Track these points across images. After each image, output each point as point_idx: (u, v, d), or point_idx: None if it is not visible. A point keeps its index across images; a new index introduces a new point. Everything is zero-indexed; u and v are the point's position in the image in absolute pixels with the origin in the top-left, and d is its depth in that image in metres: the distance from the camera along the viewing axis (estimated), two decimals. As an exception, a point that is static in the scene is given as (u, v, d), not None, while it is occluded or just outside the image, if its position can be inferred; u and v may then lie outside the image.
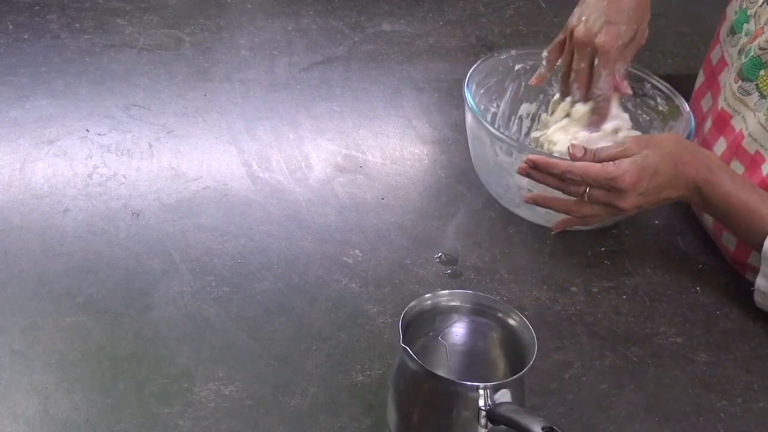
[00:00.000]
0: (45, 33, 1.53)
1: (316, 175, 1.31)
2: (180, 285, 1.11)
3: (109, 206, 1.22)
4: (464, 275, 1.17)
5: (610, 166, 1.07)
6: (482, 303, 0.96)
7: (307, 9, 1.66)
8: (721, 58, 1.26)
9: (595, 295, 1.16)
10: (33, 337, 1.04)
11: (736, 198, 1.09)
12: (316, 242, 1.20)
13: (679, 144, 1.11)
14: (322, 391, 1.01)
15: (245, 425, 0.97)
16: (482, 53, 1.59)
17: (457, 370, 0.98)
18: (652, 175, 1.07)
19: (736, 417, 1.03)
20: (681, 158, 1.09)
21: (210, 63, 1.50)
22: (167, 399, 0.98)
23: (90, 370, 1.01)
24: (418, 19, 1.66)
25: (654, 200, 1.10)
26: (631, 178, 1.06)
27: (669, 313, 1.14)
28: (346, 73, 1.51)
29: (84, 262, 1.13)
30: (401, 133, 1.40)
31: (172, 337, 1.05)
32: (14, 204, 1.21)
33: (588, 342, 1.10)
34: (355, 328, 1.08)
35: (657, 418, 1.02)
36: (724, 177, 1.09)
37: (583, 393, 1.04)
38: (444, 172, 1.34)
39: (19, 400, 0.97)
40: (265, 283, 1.13)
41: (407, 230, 1.23)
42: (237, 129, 1.37)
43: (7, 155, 1.28)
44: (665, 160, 1.08)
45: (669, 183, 1.09)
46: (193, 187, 1.26)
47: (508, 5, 1.73)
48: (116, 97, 1.41)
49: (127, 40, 1.53)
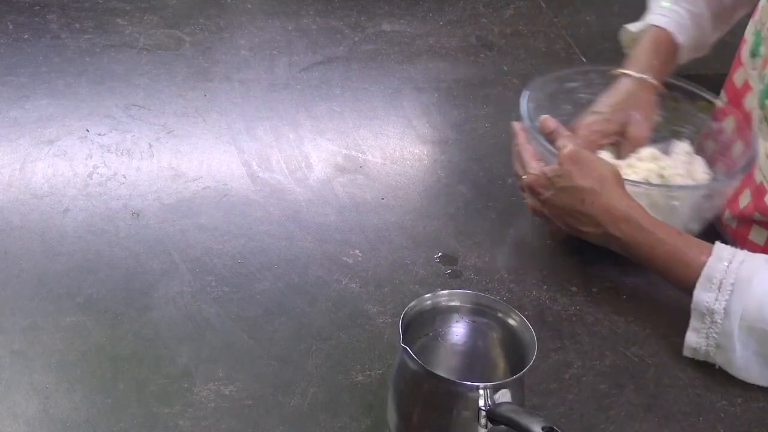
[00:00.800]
0: (45, 33, 1.53)
1: (316, 175, 1.31)
2: (180, 285, 1.11)
3: (109, 206, 1.22)
4: (464, 275, 1.17)
5: (533, 161, 1.14)
6: (482, 303, 0.96)
7: (307, 9, 1.66)
8: (745, 82, 1.23)
9: (595, 295, 1.16)
10: (33, 337, 1.03)
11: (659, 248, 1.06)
12: (316, 242, 1.20)
13: (604, 183, 1.08)
14: (322, 391, 1.01)
15: (245, 425, 0.97)
16: (482, 53, 1.59)
17: (457, 370, 0.98)
18: (555, 193, 1.11)
19: (736, 417, 1.03)
20: (593, 198, 1.08)
21: (210, 63, 1.51)
22: (167, 399, 0.98)
23: (90, 370, 1.01)
24: (418, 19, 1.67)
25: (557, 217, 1.12)
26: (534, 181, 1.13)
27: (669, 313, 1.14)
28: (346, 73, 1.51)
29: (84, 262, 1.13)
30: (401, 133, 1.40)
31: (172, 337, 1.05)
32: (14, 204, 1.21)
33: (588, 342, 1.10)
34: (355, 328, 1.08)
35: (657, 418, 1.02)
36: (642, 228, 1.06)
37: (583, 393, 1.04)
38: (444, 172, 1.34)
39: (19, 400, 0.97)
40: (265, 283, 1.13)
41: (407, 230, 1.23)
42: (237, 129, 1.37)
43: (7, 155, 1.28)
44: (574, 191, 1.09)
45: (571, 212, 1.10)
46: (193, 187, 1.26)
47: (508, 5, 1.73)
48: (116, 97, 1.41)
49: (127, 40, 1.53)
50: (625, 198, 1.08)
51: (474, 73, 1.55)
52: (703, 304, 1.02)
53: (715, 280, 1.01)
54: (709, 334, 1.03)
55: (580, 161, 1.10)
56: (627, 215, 1.07)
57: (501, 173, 1.33)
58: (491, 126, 1.43)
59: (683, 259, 1.05)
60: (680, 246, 1.06)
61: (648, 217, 1.07)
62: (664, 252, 1.06)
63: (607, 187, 1.08)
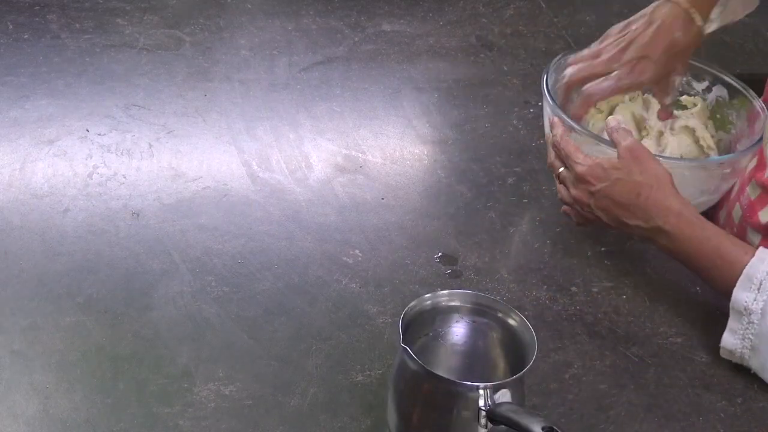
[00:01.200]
0: (45, 33, 1.53)
1: (316, 175, 1.31)
2: (180, 285, 1.11)
3: (109, 206, 1.22)
4: (464, 275, 1.17)
5: (580, 153, 1.13)
6: (482, 303, 0.96)
7: (307, 9, 1.66)
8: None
9: (595, 295, 1.16)
10: (33, 337, 1.03)
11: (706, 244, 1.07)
12: (316, 242, 1.20)
13: (660, 181, 1.10)
14: (322, 391, 1.01)
15: (245, 425, 0.97)
16: (482, 53, 1.59)
17: (457, 370, 0.98)
18: (609, 185, 1.10)
19: (736, 417, 1.03)
20: (648, 192, 1.09)
21: (210, 63, 1.50)
22: (167, 399, 0.98)
23: (90, 370, 1.01)
24: (418, 19, 1.66)
25: (605, 210, 1.12)
26: (586, 171, 1.12)
27: (669, 313, 1.14)
28: (346, 73, 1.51)
29: (84, 262, 1.13)
30: (401, 133, 1.40)
31: (172, 337, 1.05)
32: (14, 204, 1.21)
33: (588, 342, 1.10)
34: (355, 328, 1.08)
35: (657, 418, 1.02)
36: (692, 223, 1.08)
37: (583, 393, 1.04)
38: (444, 172, 1.34)
39: (19, 400, 0.97)
40: (265, 283, 1.13)
41: (407, 230, 1.23)
42: (237, 129, 1.37)
43: (7, 155, 1.28)
44: (631, 185, 1.10)
45: (624, 205, 1.10)
46: (193, 187, 1.26)
47: (508, 5, 1.72)
48: (116, 97, 1.41)
49: (127, 40, 1.53)
50: (678, 196, 1.10)
51: (474, 73, 1.54)
52: (742, 303, 1.02)
53: (755, 280, 1.02)
54: (745, 335, 1.03)
55: (639, 157, 1.11)
56: (679, 211, 1.08)
57: (501, 173, 1.33)
58: (491, 126, 1.43)
59: (727, 258, 1.05)
60: (727, 244, 1.07)
61: (698, 215, 1.09)
62: (711, 248, 1.07)
63: (662, 184, 1.10)
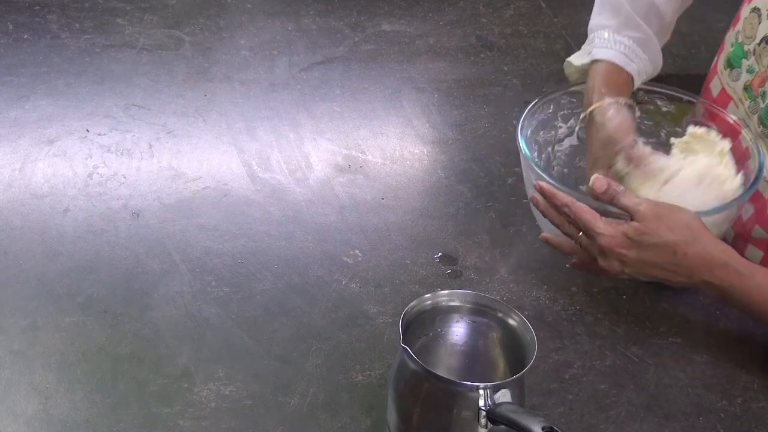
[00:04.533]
0: (45, 33, 1.53)
1: (316, 175, 1.31)
2: (180, 285, 1.12)
3: (109, 206, 1.22)
4: (464, 275, 1.17)
5: (599, 222, 1.03)
6: (482, 303, 0.96)
7: (307, 9, 1.66)
8: (722, 91, 1.21)
9: (595, 295, 1.16)
10: (33, 337, 1.04)
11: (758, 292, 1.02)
12: (316, 242, 1.20)
13: (693, 232, 1.03)
14: (322, 391, 1.01)
15: (245, 425, 0.97)
16: (482, 53, 1.59)
17: (457, 370, 0.98)
18: (640, 250, 1.03)
19: (736, 417, 1.03)
20: (685, 249, 1.02)
21: (210, 63, 1.51)
22: (167, 399, 0.98)
23: (90, 370, 1.01)
24: (418, 19, 1.67)
25: (642, 274, 1.05)
26: (612, 242, 1.03)
27: (669, 313, 1.14)
28: (346, 73, 1.51)
29: (84, 262, 1.13)
30: (401, 133, 1.40)
31: (172, 337, 1.05)
32: (14, 204, 1.21)
33: (588, 342, 1.10)
34: (355, 328, 1.08)
35: (657, 418, 1.02)
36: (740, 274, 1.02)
37: (583, 393, 1.04)
38: (444, 172, 1.34)
39: (19, 400, 0.97)
40: (265, 283, 1.13)
41: (407, 230, 1.23)
42: (237, 129, 1.37)
43: (7, 155, 1.28)
44: (663, 245, 1.02)
45: (661, 266, 1.03)
46: (193, 187, 1.26)
47: (508, 5, 1.73)
48: (116, 97, 1.41)
49: (127, 40, 1.53)
50: (718, 243, 1.03)
51: (474, 73, 1.55)
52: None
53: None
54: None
55: (661, 214, 1.03)
56: (724, 262, 1.02)
57: (501, 173, 1.33)
58: (491, 126, 1.43)
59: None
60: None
61: (743, 261, 1.04)
62: (763, 298, 1.03)
63: (697, 234, 1.03)
